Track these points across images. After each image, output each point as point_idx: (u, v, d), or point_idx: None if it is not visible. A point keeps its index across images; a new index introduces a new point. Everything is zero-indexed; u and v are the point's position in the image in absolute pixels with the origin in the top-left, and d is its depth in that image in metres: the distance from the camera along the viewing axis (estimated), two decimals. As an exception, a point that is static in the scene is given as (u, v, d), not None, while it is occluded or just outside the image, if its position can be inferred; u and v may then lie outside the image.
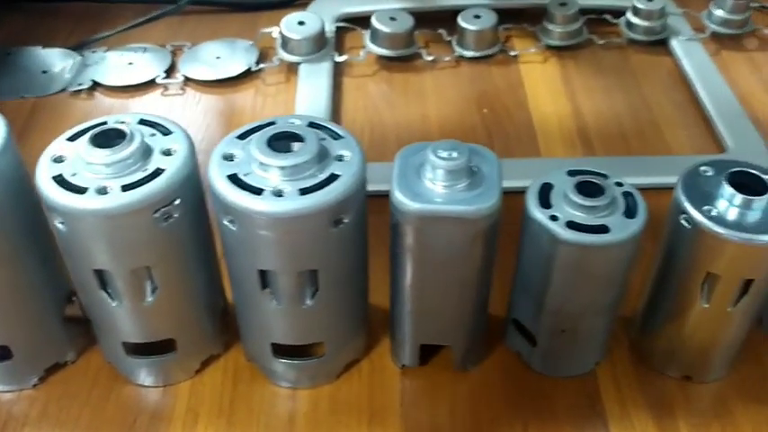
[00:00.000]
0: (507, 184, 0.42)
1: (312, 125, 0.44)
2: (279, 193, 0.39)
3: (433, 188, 0.41)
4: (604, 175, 0.45)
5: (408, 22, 0.74)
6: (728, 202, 0.42)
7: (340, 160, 0.41)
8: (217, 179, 0.40)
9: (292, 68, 0.74)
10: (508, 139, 0.67)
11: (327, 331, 0.46)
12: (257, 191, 0.39)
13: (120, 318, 0.45)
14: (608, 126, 0.68)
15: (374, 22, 0.74)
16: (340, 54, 0.75)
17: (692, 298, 0.45)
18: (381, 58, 0.76)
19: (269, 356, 0.47)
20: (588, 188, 0.43)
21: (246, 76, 0.74)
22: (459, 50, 0.76)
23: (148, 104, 0.72)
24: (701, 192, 0.43)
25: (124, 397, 0.48)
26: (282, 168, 0.40)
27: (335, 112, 0.69)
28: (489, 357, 0.50)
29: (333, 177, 0.40)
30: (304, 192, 0.39)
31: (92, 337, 0.49)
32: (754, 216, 0.42)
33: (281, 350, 0.47)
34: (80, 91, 0.73)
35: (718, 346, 0.47)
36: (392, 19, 0.74)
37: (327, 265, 0.42)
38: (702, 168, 0.45)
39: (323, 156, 0.41)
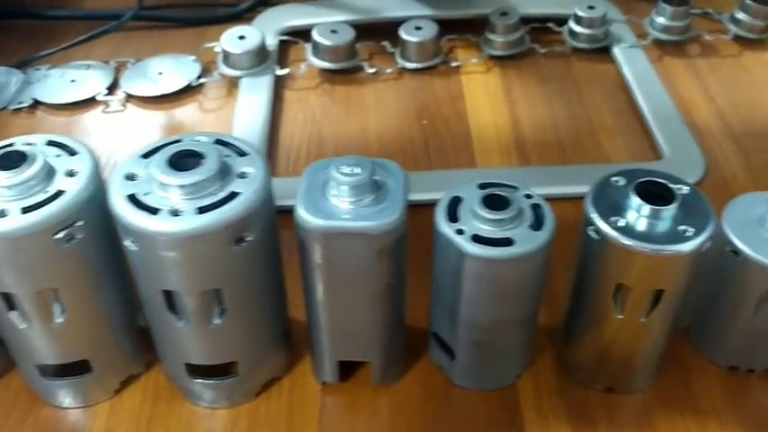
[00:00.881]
0: (434, 195, 0.43)
1: (218, 142, 0.43)
2: (176, 213, 0.39)
3: (338, 204, 0.41)
4: (514, 188, 0.45)
5: (349, 34, 0.74)
6: (637, 213, 0.42)
7: (243, 177, 0.41)
8: (116, 199, 0.40)
9: (234, 83, 0.74)
10: (445, 151, 0.66)
11: (240, 350, 0.46)
12: (154, 210, 0.39)
13: (31, 340, 0.45)
14: (545, 135, 0.68)
15: (315, 35, 0.74)
16: (282, 68, 0.74)
17: (606, 309, 0.44)
18: (324, 71, 0.75)
19: (185, 376, 0.47)
20: (495, 201, 0.43)
21: (188, 91, 0.74)
22: (401, 62, 0.75)
23: (89, 122, 0.72)
24: (611, 202, 0.43)
25: (42, 419, 0.48)
26: (182, 187, 0.39)
27: (274, 125, 0.69)
28: (412, 371, 0.50)
29: (233, 195, 0.40)
30: (202, 210, 0.39)
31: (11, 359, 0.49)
32: (663, 226, 0.42)
33: (195, 370, 0.46)
34: (21, 109, 0.73)
35: (638, 357, 0.47)
36: (333, 32, 0.74)
37: (232, 284, 0.42)
38: (614, 179, 0.45)
39: (224, 173, 0.41)
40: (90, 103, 0.73)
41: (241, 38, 0.73)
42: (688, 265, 0.42)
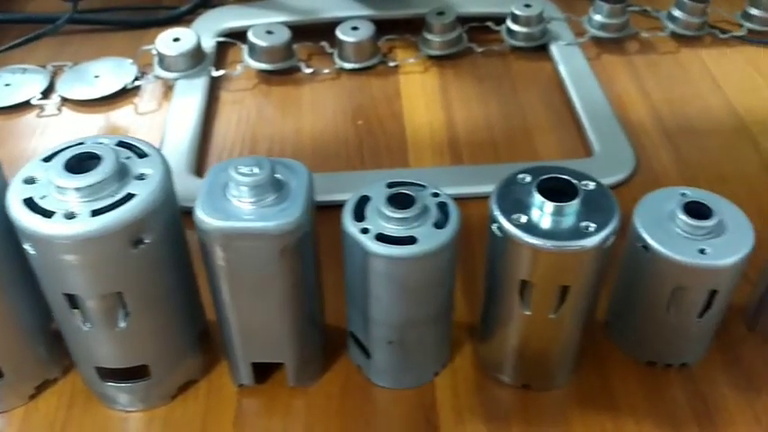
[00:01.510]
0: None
1: (121, 144, 0.43)
2: (71, 216, 0.39)
3: (239, 205, 0.41)
4: (422, 186, 0.45)
5: (285, 35, 0.74)
6: (540, 210, 0.42)
7: (141, 179, 0.41)
8: (12, 203, 0.40)
9: (170, 85, 0.73)
10: (379, 151, 0.66)
11: (150, 353, 0.45)
12: (49, 214, 0.39)
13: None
14: (479, 134, 0.68)
15: (250, 36, 0.73)
16: (218, 69, 0.74)
17: (513, 306, 0.45)
18: (261, 72, 0.75)
19: (97, 380, 0.46)
20: (401, 200, 0.43)
21: (123, 94, 0.74)
22: (339, 63, 0.75)
23: (23, 126, 0.71)
24: (515, 200, 0.43)
25: (-46, 426, 0.47)
26: (78, 190, 0.39)
27: (208, 127, 0.69)
28: (331, 371, 0.50)
29: (129, 197, 0.40)
30: (96, 213, 0.39)
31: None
32: (566, 222, 0.42)
33: (107, 373, 0.46)
34: (-45, 114, 0.72)
35: (552, 354, 0.47)
36: (269, 33, 0.74)
37: (134, 287, 0.42)
38: (520, 176, 0.45)
39: (122, 175, 0.40)
40: (25, 107, 0.73)
41: (176, 40, 0.73)
42: (591, 261, 0.42)
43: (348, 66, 0.75)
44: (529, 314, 0.44)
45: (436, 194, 0.44)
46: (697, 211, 0.45)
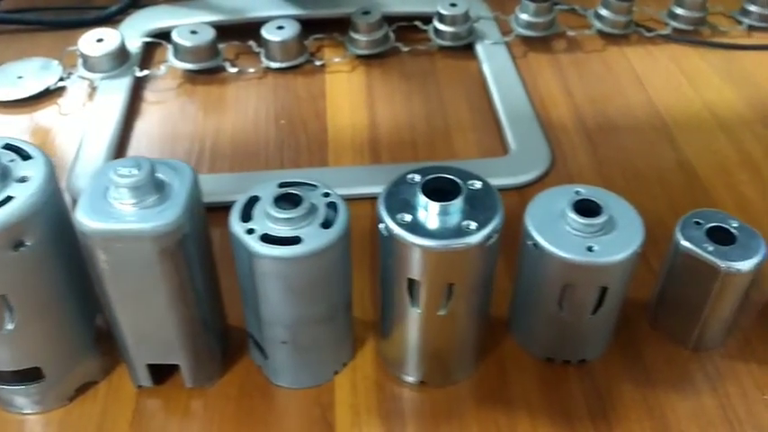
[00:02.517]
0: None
1: (7, 147, 0.43)
2: (-53, 218, 0.38)
3: (120, 207, 0.41)
4: (314, 186, 0.45)
5: (209, 34, 0.74)
6: (425, 210, 0.42)
7: (22, 182, 0.41)
8: None
9: (96, 86, 0.73)
10: (299, 151, 0.66)
11: (41, 355, 0.45)
12: (-74, 216, 0.38)
13: None
14: (401, 134, 0.68)
15: (174, 36, 0.73)
16: (144, 70, 0.74)
17: (404, 304, 0.45)
18: (187, 72, 0.75)
19: (-10, 383, 0.46)
20: (289, 200, 0.43)
21: (47, 95, 0.73)
22: (265, 62, 0.75)
23: (-55, 127, 0.70)
24: (403, 200, 0.43)
25: None
26: (-45, 193, 0.39)
27: (129, 127, 0.69)
28: (232, 372, 0.50)
29: (7, 200, 0.39)
30: (-28, 216, 0.38)
31: None
32: (450, 221, 0.42)
33: (0, 376, 0.46)
34: None
35: (447, 350, 0.47)
36: (193, 32, 0.74)
37: (18, 290, 0.41)
38: (409, 176, 0.45)
39: (3, 177, 0.40)
40: (-54, 108, 0.72)
41: (99, 40, 0.72)
42: (474, 259, 0.42)
43: (274, 65, 0.75)
44: (419, 312, 0.45)
45: (327, 194, 0.44)
46: (587, 208, 0.46)
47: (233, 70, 0.75)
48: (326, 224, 0.43)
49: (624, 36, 0.80)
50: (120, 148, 0.66)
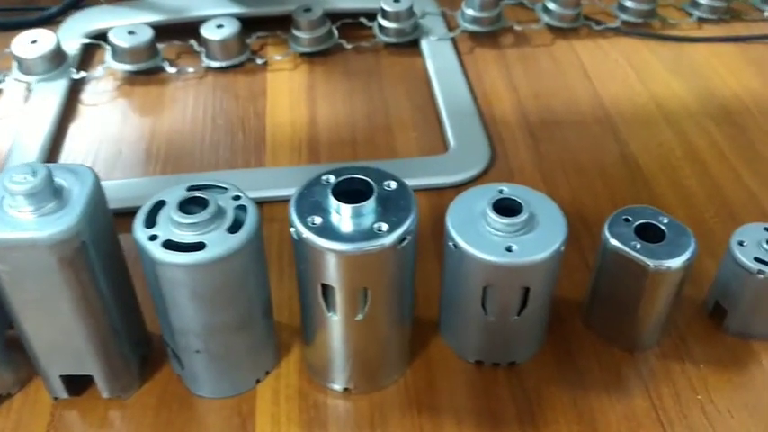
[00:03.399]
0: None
1: None
2: None
3: (16, 215, 0.39)
4: (224, 189, 0.43)
5: (147, 34, 0.72)
6: (336, 212, 0.41)
7: None
8: None
9: (30, 88, 0.71)
10: (236, 151, 0.65)
11: (-56, 369, 0.44)
12: None
13: None
14: (341, 133, 0.67)
15: (111, 37, 0.72)
16: (81, 71, 0.72)
17: (320, 309, 0.43)
18: (126, 73, 0.73)
19: None
20: (195, 204, 0.41)
21: (-19, 103, 0.71)
22: (206, 62, 0.74)
23: None
24: (315, 202, 0.42)
25: None
26: None
27: (64, 130, 0.67)
28: (152, 381, 0.49)
29: None
30: None
31: None
32: (362, 223, 0.41)
33: None
34: None
35: (369, 356, 0.46)
36: (131, 33, 0.72)
37: None
38: (324, 177, 0.43)
39: None
40: None
41: (34, 42, 0.71)
42: (387, 262, 0.41)
43: (214, 64, 0.73)
44: (336, 318, 0.43)
45: (237, 197, 0.43)
46: (509, 208, 0.45)
47: (172, 70, 0.73)
48: (233, 228, 0.41)
49: (573, 30, 0.79)
50: (52, 151, 0.65)
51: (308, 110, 0.69)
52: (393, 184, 0.43)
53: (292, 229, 0.41)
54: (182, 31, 0.76)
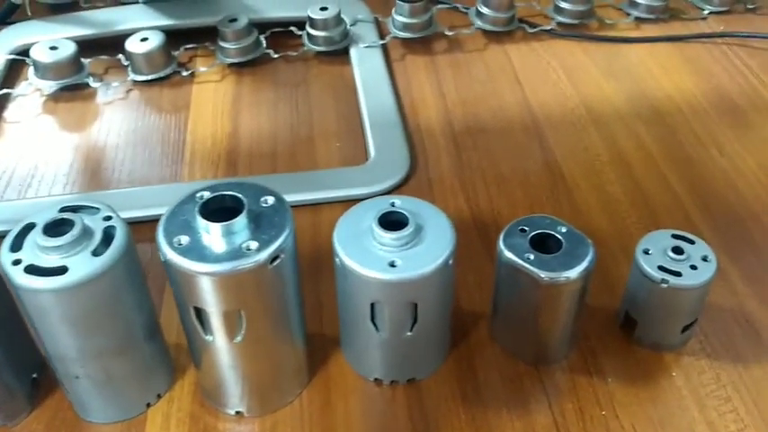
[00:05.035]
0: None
1: None
2: None
3: None
4: (96, 209, 0.42)
5: (70, 49, 0.71)
6: (207, 232, 0.40)
7: None
8: None
9: (-47, 107, 0.71)
10: (152, 166, 0.64)
11: None
12: None
13: None
14: (262, 144, 0.65)
15: (33, 53, 0.70)
16: (2, 88, 0.71)
17: (197, 333, 0.42)
18: (52, 89, 0.72)
19: None
20: (65, 225, 0.40)
21: None
22: (132, 75, 0.73)
23: None
24: (185, 221, 0.40)
25: None
26: None
27: (-20, 150, 0.66)
28: (43, 407, 0.47)
29: None
30: None
31: None
32: (232, 242, 0.39)
33: None
34: None
35: (256, 379, 0.45)
36: (53, 48, 0.71)
37: None
38: (198, 194, 0.42)
39: None
40: None
41: (-47, 59, 0.70)
42: (259, 282, 0.40)
43: (140, 78, 0.72)
44: (213, 341, 0.42)
45: (108, 217, 0.42)
46: (398, 221, 0.43)
47: (96, 85, 0.72)
48: (99, 251, 0.40)
49: (508, 33, 0.77)
50: (-33, 171, 0.63)
51: (231, 122, 0.68)
52: (270, 200, 0.42)
53: (160, 251, 0.40)
54: (110, 45, 0.75)
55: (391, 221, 0.43)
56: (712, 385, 0.47)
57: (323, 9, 0.73)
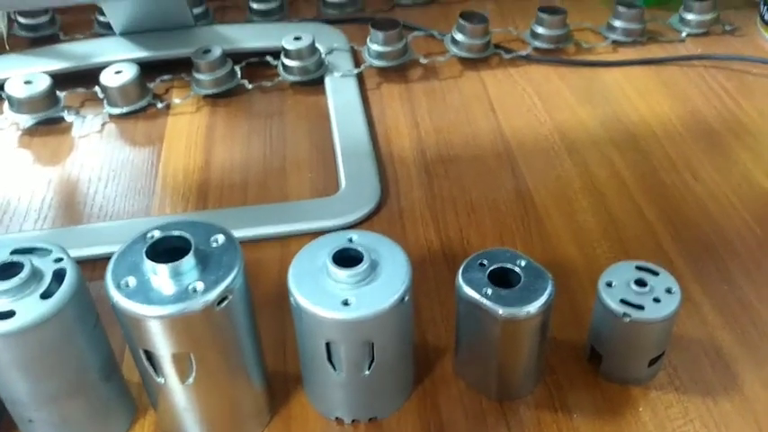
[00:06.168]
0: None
1: None
2: None
3: None
4: (47, 250, 0.42)
5: (45, 83, 0.71)
6: (154, 273, 0.39)
7: None
8: None
9: (-72, 142, 0.71)
10: (123, 200, 0.63)
11: None
12: None
13: None
14: (234, 176, 0.65)
15: (7, 88, 0.71)
16: (-23, 123, 0.71)
17: (148, 374, 0.42)
18: (29, 123, 0.72)
19: None
20: (12, 268, 0.40)
21: None
22: (107, 108, 0.73)
23: None
24: (134, 262, 0.40)
25: None
26: None
27: (-47, 186, 0.66)
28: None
29: None
30: None
31: None
32: (184, 282, 0.39)
33: None
34: None
35: (211, 420, 0.44)
36: (27, 83, 0.71)
37: None
38: (149, 234, 0.42)
39: None
40: None
41: (-73, 95, 0.70)
42: (205, 325, 0.39)
43: (115, 111, 0.72)
44: (165, 383, 0.41)
45: (59, 259, 0.41)
46: (354, 257, 0.43)
47: (70, 119, 0.72)
48: (48, 293, 0.39)
49: (484, 59, 0.77)
50: (-62, 208, 0.63)
51: (204, 153, 0.68)
52: (221, 239, 0.41)
53: (109, 294, 0.39)
54: (86, 78, 0.75)
55: (347, 257, 0.43)
56: (680, 420, 0.46)
57: (297, 39, 0.73)
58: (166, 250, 0.40)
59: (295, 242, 0.58)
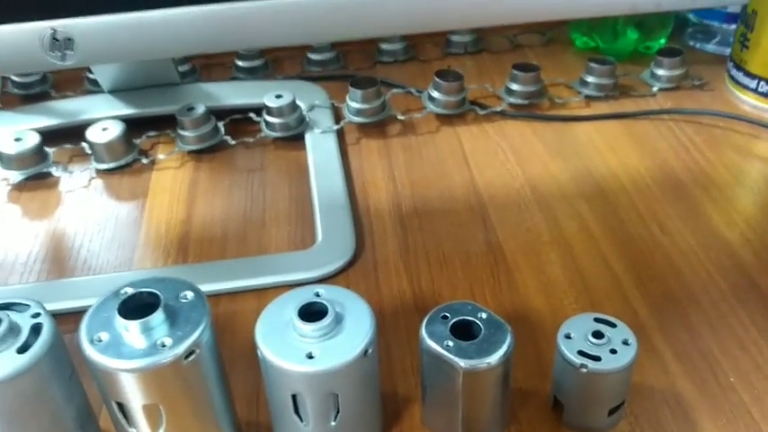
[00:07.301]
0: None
1: None
2: None
3: None
4: (26, 305, 0.44)
5: (34, 140, 0.73)
6: (125, 329, 0.41)
7: None
8: None
9: None
10: (107, 253, 0.65)
11: None
12: None
13: None
14: (214, 230, 0.67)
15: (-3, 144, 0.73)
16: (-32, 179, 0.73)
17: (121, 424, 0.43)
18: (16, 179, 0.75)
19: None
20: (-4, 323, 0.42)
21: None
22: (95, 164, 0.75)
23: None
24: (107, 318, 0.42)
25: None
26: None
27: (-58, 241, 0.68)
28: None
29: None
30: None
31: None
32: (154, 338, 0.41)
33: None
34: None
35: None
36: (17, 140, 0.73)
37: None
38: (123, 290, 0.44)
39: None
40: None
41: None
42: (172, 379, 0.41)
43: (102, 166, 0.75)
44: (135, 433, 0.43)
45: (37, 314, 0.43)
46: (319, 311, 0.45)
47: (58, 175, 0.74)
48: (24, 348, 0.41)
49: (460, 115, 0.80)
50: (-73, 263, 0.65)
51: (186, 208, 0.70)
52: (190, 295, 0.43)
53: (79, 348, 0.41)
54: (74, 134, 0.77)
55: (313, 312, 0.45)
56: (639, 467, 0.47)
57: (278, 96, 0.76)
58: (138, 306, 0.42)
59: (272, 294, 0.59)
